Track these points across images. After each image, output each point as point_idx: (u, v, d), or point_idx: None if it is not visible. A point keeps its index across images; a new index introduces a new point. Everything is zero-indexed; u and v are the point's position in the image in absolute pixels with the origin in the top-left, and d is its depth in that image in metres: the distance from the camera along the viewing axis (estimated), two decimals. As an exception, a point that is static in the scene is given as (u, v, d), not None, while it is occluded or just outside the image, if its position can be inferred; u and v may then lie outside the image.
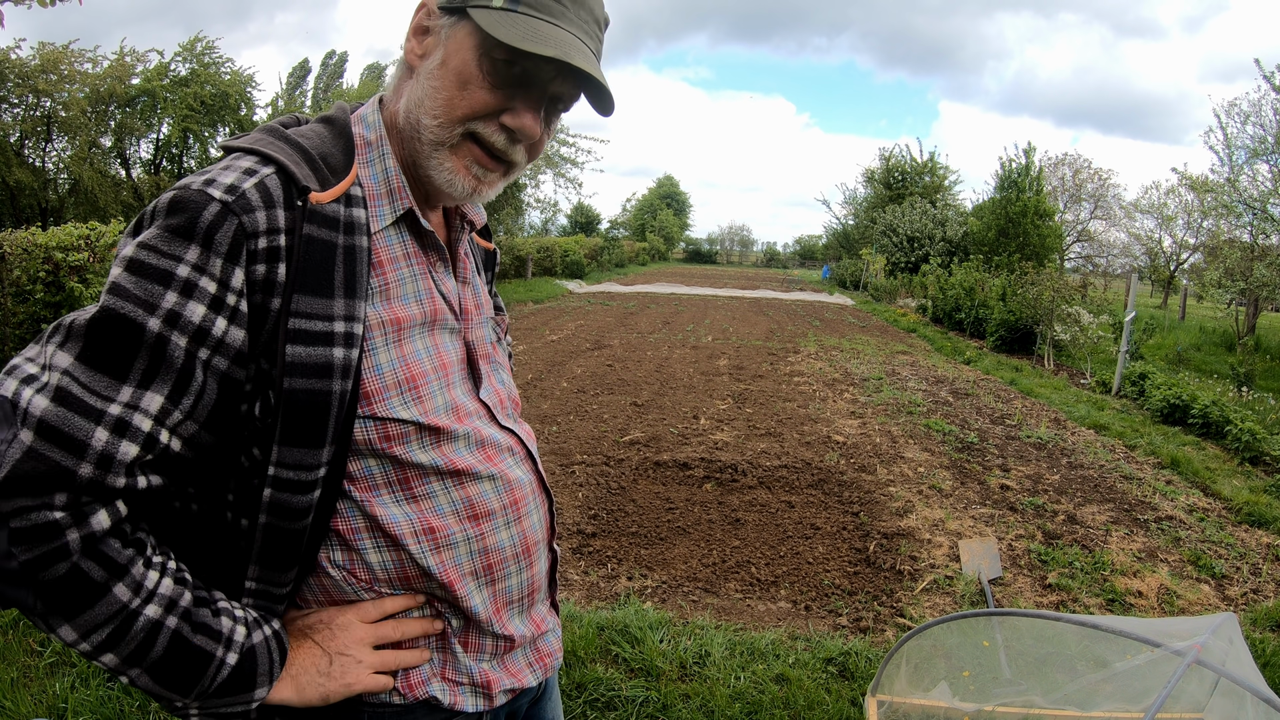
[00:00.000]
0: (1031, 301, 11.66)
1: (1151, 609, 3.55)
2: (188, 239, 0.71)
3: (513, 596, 0.94)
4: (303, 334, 0.76)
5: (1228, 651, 1.76)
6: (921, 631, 2.25)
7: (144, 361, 0.70)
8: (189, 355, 0.71)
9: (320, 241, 0.78)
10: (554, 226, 41.48)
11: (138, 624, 0.71)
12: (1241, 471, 5.90)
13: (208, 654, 0.75)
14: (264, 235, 0.74)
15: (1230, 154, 14.38)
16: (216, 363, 0.73)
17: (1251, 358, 10.65)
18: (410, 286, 0.86)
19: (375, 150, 0.87)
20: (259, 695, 0.80)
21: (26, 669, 2.54)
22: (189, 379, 0.72)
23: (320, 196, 0.79)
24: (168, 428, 0.71)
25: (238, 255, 0.73)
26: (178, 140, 20.73)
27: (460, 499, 0.87)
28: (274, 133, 0.82)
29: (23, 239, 6.91)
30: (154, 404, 0.70)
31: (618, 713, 2.53)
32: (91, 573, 0.68)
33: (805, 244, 60.25)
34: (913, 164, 30.33)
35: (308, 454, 0.77)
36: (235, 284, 0.73)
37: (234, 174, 0.75)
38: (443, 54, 0.83)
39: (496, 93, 0.82)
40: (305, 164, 0.80)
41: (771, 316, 16.29)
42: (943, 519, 4.47)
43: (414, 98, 0.85)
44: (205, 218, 0.72)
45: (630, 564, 3.76)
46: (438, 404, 0.86)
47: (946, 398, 8.04)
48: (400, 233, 0.87)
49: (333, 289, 0.78)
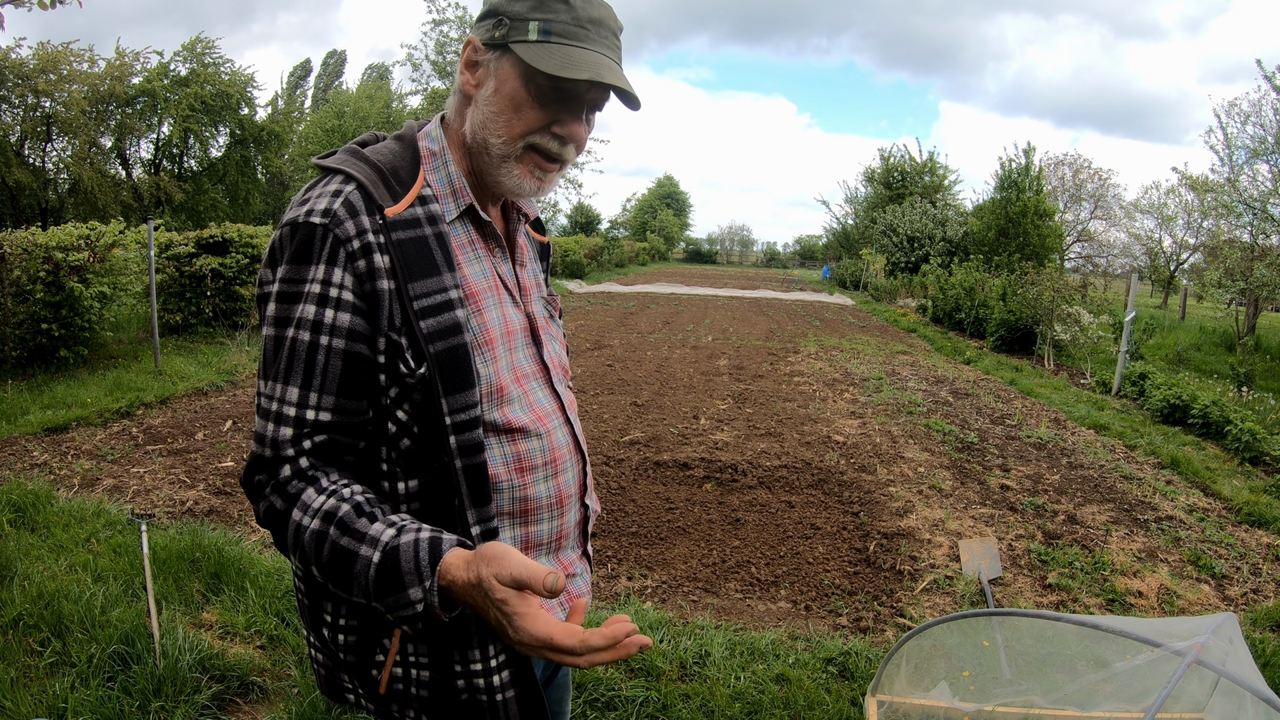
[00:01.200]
0: (1031, 301, 11.66)
1: (1151, 609, 3.55)
2: (308, 262, 0.93)
3: (542, 540, 1.08)
4: (428, 309, 0.95)
5: (1228, 651, 1.76)
6: (921, 631, 2.25)
7: (283, 362, 0.93)
8: (311, 346, 0.92)
9: (411, 239, 0.96)
10: (554, 226, 41.47)
11: (305, 535, 0.91)
12: (1241, 471, 5.89)
13: (351, 553, 0.88)
14: (355, 238, 0.93)
15: (1230, 154, 14.39)
16: (336, 344, 0.93)
17: (1251, 358, 10.64)
18: (477, 267, 1.04)
19: (439, 159, 1.05)
20: (413, 596, 0.86)
21: (26, 669, 2.54)
22: (314, 364, 0.92)
23: (393, 210, 0.96)
24: (310, 406, 0.93)
25: (337, 258, 0.92)
26: (178, 140, 20.73)
27: (511, 453, 1.03)
28: (354, 153, 1.01)
29: (23, 239, 6.90)
30: (292, 394, 0.93)
31: (618, 713, 2.53)
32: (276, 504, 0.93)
33: (805, 244, 60.22)
34: (912, 164, 30.32)
35: (467, 396, 0.96)
36: (339, 279, 0.92)
37: (325, 199, 0.95)
38: (494, 84, 1.00)
39: (545, 110, 1.00)
40: (380, 181, 0.98)
41: (771, 316, 16.29)
42: (943, 519, 4.47)
43: (477, 121, 1.02)
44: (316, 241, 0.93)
45: (630, 564, 3.76)
46: (503, 365, 1.03)
47: (946, 398, 8.04)
48: (464, 224, 1.06)
49: (438, 267, 0.97)
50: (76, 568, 3.25)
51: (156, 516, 3.99)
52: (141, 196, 19.21)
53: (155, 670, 2.47)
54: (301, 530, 0.90)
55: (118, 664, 2.54)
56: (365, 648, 1.01)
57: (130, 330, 8.80)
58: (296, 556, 0.93)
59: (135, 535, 3.52)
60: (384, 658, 1.00)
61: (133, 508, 4.07)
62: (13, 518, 3.73)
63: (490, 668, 0.99)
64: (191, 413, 6.08)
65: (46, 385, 6.43)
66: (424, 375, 0.94)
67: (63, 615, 2.79)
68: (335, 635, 1.02)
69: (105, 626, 2.72)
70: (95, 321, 7.28)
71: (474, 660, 0.98)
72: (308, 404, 0.93)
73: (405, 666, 0.99)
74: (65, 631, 2.72)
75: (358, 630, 1.01)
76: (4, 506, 3.78)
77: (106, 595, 2.96)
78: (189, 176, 21.35)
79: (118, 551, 3.42)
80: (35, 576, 3.13)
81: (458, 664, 0.98)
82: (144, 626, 2.65)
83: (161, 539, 3.47)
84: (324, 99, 26.27)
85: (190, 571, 3.26)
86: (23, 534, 3.59)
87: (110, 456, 4.94)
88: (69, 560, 3.33)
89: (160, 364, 7.35)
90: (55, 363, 7.03)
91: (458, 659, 0.98)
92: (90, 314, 7.16)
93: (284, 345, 0.93)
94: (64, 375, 6.82)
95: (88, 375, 6.87)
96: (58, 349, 6.99)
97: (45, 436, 5.27)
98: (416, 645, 0.99)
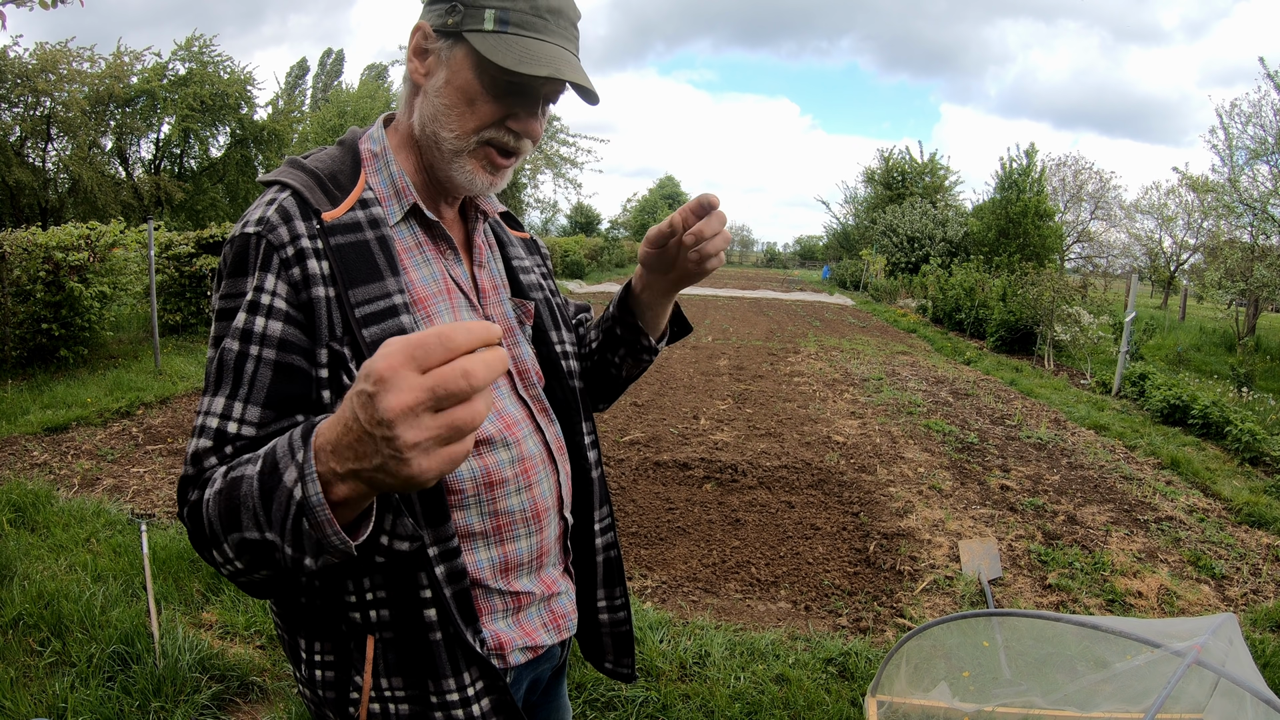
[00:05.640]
0: (1031, 302, 11.66)
1: (1151, 609, 3.55)
2: (243, 274, 0.88)
3: (522, 559, 1.01)
4: (372, 315, 0.88)
5: (1228, 652, 1.76)
6: (921, 632, 2.25)
7: (213, 375, 0.86)
8: (240, 355, 0.85)
9: (350, 244, 0.91)
10: (554, 227, 41.49)
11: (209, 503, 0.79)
12: (1241, 472, 5.89)
13: (237, 479, 0.76)
14: (289, 244, 0.88)
15: (1231, 155, 14.39)
16: (266, 354, 0.85)
17: (1251, 358, 10.64)
18: (425, 270, 0.98)
19: (380, 160, 1.00)
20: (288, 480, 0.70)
21: (26, 669, 2.54)
22: (240, 374, 0.84)
23: (330, 214, 0.91)
24: (234, 418, 0.84)
25: (270, 264, 0.87)
26: (178, 140, 20.71)
27: (478, 466, 0.96)
28: (293, 163, 0.97)
29: (23, 239, 6.90)
30: (217, 404, 0.85)
31: (618, 713, 2.53)
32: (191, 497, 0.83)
33: (805, 244, 60.25)
34: (913, 165, 30.34)
35: None
36: (269, 287, 0.86)
37: (260, 208, 0.91)
38: (446, 74, 0.94)
39: (499, 103, 0.94)
40: (316, 186, 0.93)
41: (771, 317, 16.29)
42: (943, 519, 4.47)
43: (427, 113, 0.97)
44: (250, 250, 0.88)
45: (630, 564, 3.76)
46: None
47: (946, 398, 8.04)
48: (411, 226, 0.99)
49: (380, 272, 0.91)
50: (76, 567, 3.25)
51: (156, 516, 3.99)
52: (141, 196, 19.19)
53: (155, 670, 2.47)
54: (208, 502, 0.78)
55: (117, 664, 2.54)
56: (340, 684, 0.95)
57: (130, 330, 8.81)
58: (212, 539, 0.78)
59: (135, 535, 3.52)
60: (358, 695, 0.93)
61: (133, 507, 4.07)
62: (13, 517, 3.73)
63: (468, 696, 0.93)
64: (192, 413, 6.08)
65: (46, 385, 6.43)
66: None
67: (63, 615, 2.79)
68: (312, 672, 0.96)
69: (105, 626, 2.72)
70: (95, 321, 7.28)
71: (449, 690, 0.92)
72: (231, 415, 0.84)
73: (382, 702, 0.93)
74: (65, 631, 2.72)
75: (334, 665, 0.95)
76: (4, 506, 3.78)
77: (106, 595, 2.96)
78: (189, 176, 21.33)
79: (118, 551, 3.42)
80: (35, 576, 3.13)
81: (433, 694, 0.92)
82: (144, 626, 2.65)
83: (161, 539, 3.48)
84: (324, 98, 26.28)
85: (190, 571, 3.26)
86: (23, 534, 3.59)
87: (110, 456, 4.94)
88: (69, 560, 3.33)
89: (160, 364, 7.35)
90: (55, 362, 7.03)
91: (432, 689, 0.92)
92: (90, 314, 7.16)
93: (213, 361, 0.86)
94: (64, 375, 6.82)
95: (88, 375, 6.87)
96: (58, 349, 6.99)
97: (45, 436, 5.27)
98: (390, 679, 0.93)
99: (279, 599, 0.97)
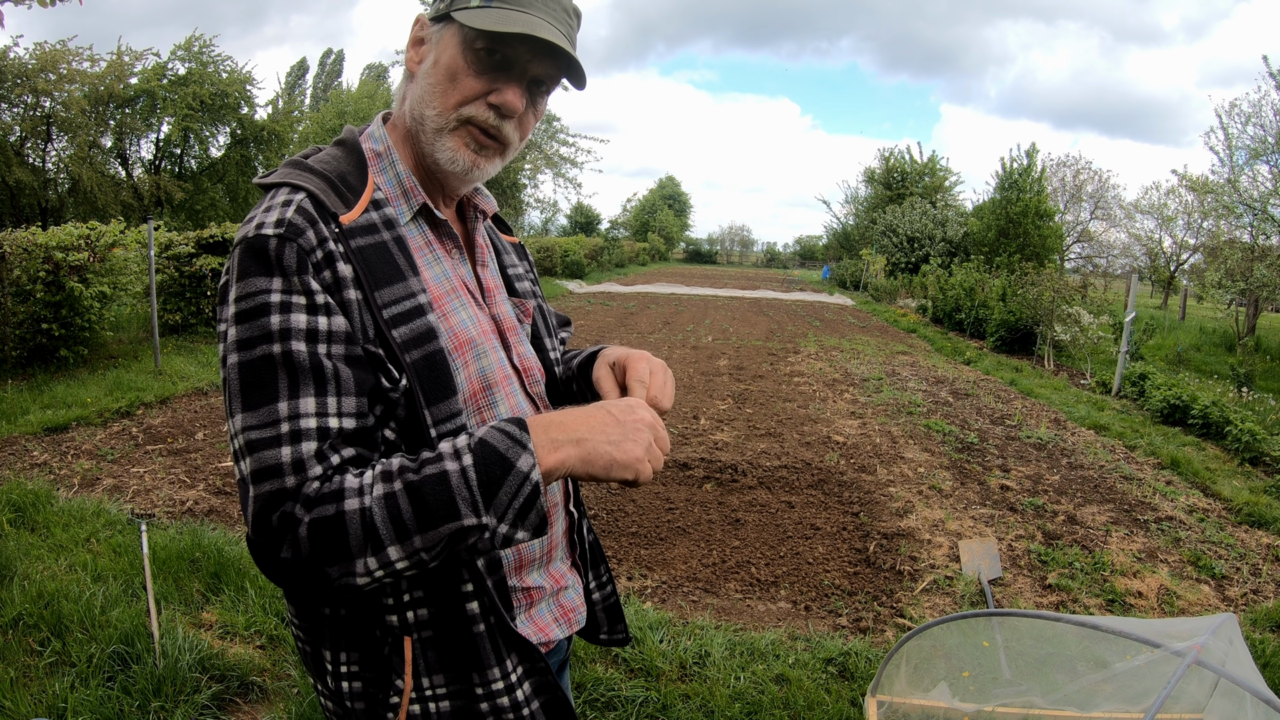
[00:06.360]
0: (1031, 302, 11.66)
1: (1151, 609, 3.55)
2: (267, 274, 0.84)
3: (534, 554, 1.04)
4: (400, 316, 0.89)
5: (1227, 652, 1.76)
6: (921, 632, 2.25)
7: (285, 378, 0.82)
8: (312, 354, 0.83)
9: (371, 246, 0.91)
10: (553, 226, 41.49)
11: (374, 509, 0.78)
12: (1241, 472, 5.89)
13: (436, 476, 0.79)
14: (318, 248, 0.87)
15: (1231, 155, 14.40)
16: (335, 350, 0.85)
17: (1251, 358, 10.65)
18: (437, 269, 0.99)
19: (385, 159, 1.00)
20: (525, 464, 0.81)
21: (26, 669, 2.54)
22: (322, 371, 0.83)
23: (348, 217, 0.91)
24: (332, 414, 0.83)
25: (306, 268, 0.85)
26: (178, 140, 20.71)
27: None
28: (296, 164, 0.95)
29: (23, 239, 6.90)
30: (309, 405, 0.82)
31: (618, 713, 2.53)
32: (320, 516, 0.79)
33: (805, 244, 60.22)
34: (913, 165, 30.35)
35: (449, 405, 0.91)
36: (316, 287, 0.85)
37: (275, 211, 0.87)
38: (434, 55, 0.96)
39: (482, 78, 0.94)
40: (330, 190, 0.92)
41: (771, 317, 16.29)
42: (943, 519, 4.47)
43: (415, 96, 0.98)
44: (271, 253, 0.84)
45: (630, 564, 3.76)
46: (475, 370, 0.98)
47: (946, 398, 8.04)
48: (419, 225, 1.00)
49: (403, 272, 0.92)
50: (76, 567, 3.25)
51: (156, 516, 3.99)
52: (141, 196, 19.19)
53: (155, 670, 2.47)
54: (368, 510, 0.78)
55: (117, 664, 2.54)
56: (374, 694, 0.94)
57: (130, 330, 8.80)
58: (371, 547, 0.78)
59: (135, 535, 3.52)
60: (398, 699, 0.92)
61: (133, 508, 4.07)
62: (13, 517, 3.73)
63: (512, 683, 0.94)
64: (191, 413, 6.08)
65: (46, 385, 6.43)
66: (405, 388, 0.88)
67: (62, 615, 2.79)
68: (339, 684, 0.95)
69: (105, 626, 2.72)
70: (95, 321, 7.28)
71: (494, 680, 0.93)
72: (328, 411, 0.82)
73: (422, 703, 0.93)
74: (65, 631, 2.72)
75: (361, 676, 0.94)
76: (4, 506, 3.78)
77: (106, 595, 2.96)
78: (189, 176, 21.32)
79: (118, 551, 3.42)
80: (35, 576, 3.13)
81: (479, 687, 0.92)
82: (144, 626, 2.65)
83: (161, 539, 3.47)
84: (323, 98, 26.29)
85: (190, 571, 3.26)
86: (23, 534, 3.59)
87: (110, 456, 4.94)
88: (69, 560, 3.33)
89: (160, 364, 7.35)
90: (55, 362, 7.03)
91: (477, 680, 0.92)
92: (90, 314, 7.16)
93: (270, 364, 0.82)
94: (64, 375, 6.82)
95: (88, 375, 6.87)
96: (58, 349, 6.99)
97: (45, 436, 5.27)
98: (431, 677, 0.92)
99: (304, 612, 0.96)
